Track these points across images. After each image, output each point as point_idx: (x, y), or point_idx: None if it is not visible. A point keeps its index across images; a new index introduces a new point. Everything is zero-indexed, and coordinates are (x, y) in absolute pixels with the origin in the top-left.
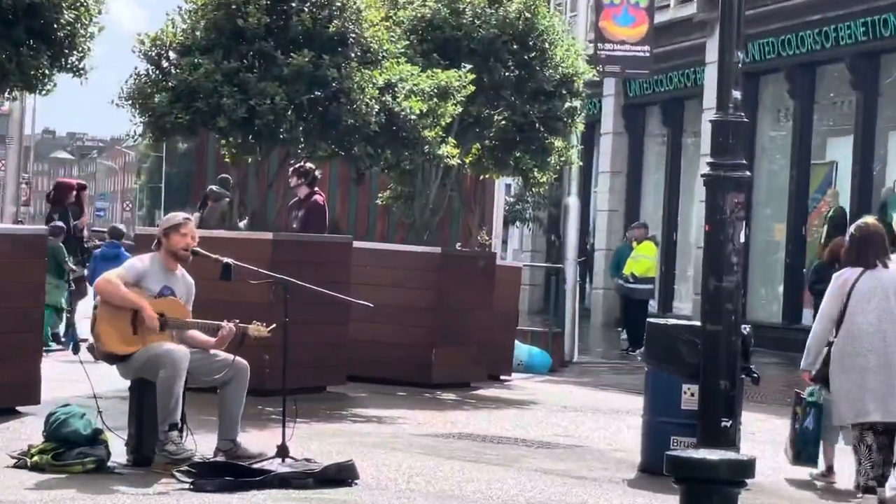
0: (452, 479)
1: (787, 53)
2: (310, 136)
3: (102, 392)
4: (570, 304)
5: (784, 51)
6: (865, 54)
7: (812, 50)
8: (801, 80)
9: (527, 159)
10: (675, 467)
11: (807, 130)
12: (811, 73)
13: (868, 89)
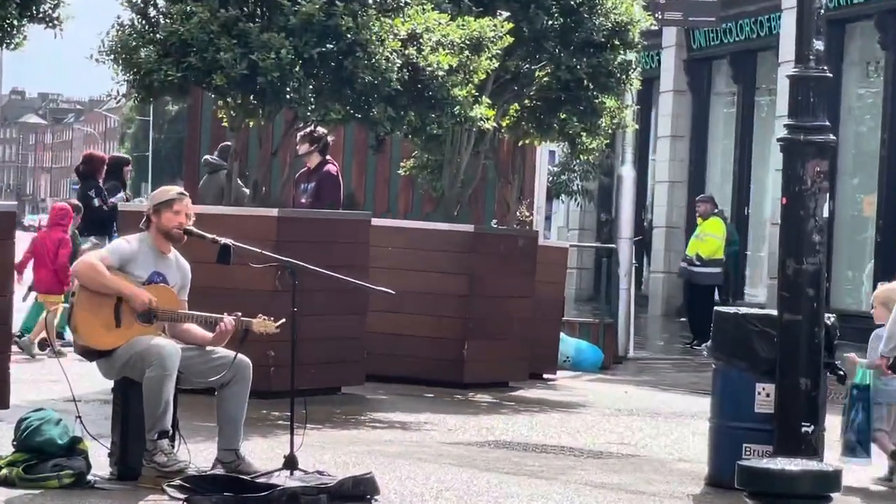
0: (488, 495)
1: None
2: (321, 95)
3: (82, 394)
4: (624, 291)
5: None
6: None
7: None
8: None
9: (574, 122)
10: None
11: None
12: None
13: None
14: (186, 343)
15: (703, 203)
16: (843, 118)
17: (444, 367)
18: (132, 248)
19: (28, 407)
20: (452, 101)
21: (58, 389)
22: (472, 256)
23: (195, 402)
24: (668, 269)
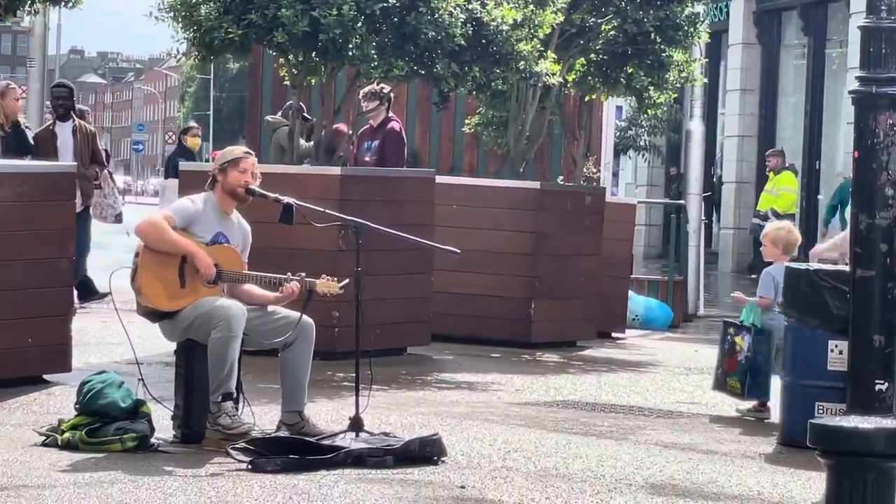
0: (557, 456)
1: None
2: (383, 52)
3: (144, 357)
4: (693, 248)
5: None
6: None
7: None
8: None
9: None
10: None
11: None
12: None
13: None
14: (248, 304)
15: (774, 157)
16: None
17: (510, 326)
18: (196, 207)
19: (90, 370)
20: (517, 56)
21: (120, 352)
22: (538, 214)
23: (259, 363)
24: (739, 226)
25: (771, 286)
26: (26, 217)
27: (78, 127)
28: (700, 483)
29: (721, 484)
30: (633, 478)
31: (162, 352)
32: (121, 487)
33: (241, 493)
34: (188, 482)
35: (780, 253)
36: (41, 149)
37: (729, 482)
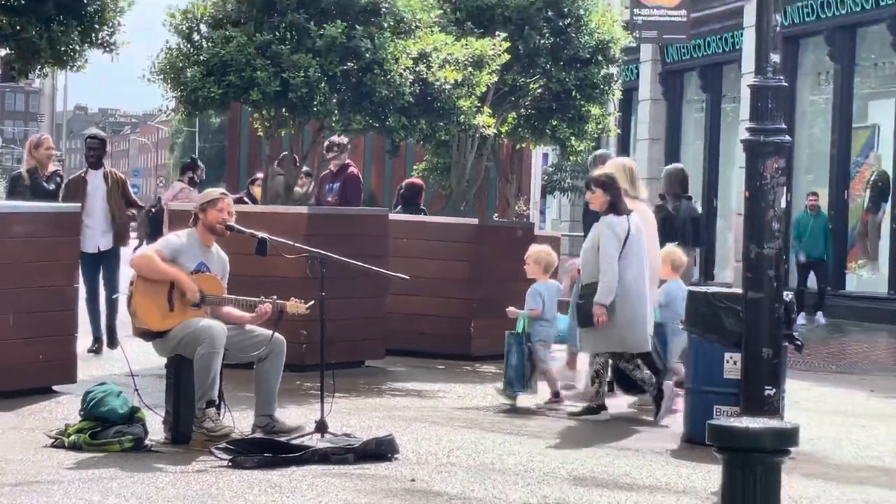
0: (494, 453)
1: (827, 15)
2: (344, 108)
3: (139, 370)
4: None
5: (823, 13)
6: None
7: (852, 11)
8: (842, 42)
9: (563, 127)
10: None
11: (848, 93)
12: (852, 35)
13: None
14: (228, 323)
15: None
16: (797, 121)
17: (453, 342)
18: (182, 241)
19: (92, 381)
20: (458, 111)
21: (118, 366)
22: (476, 246)
23: (237, 375)
24: None
25: (538, 299)
26: (37, 251)
27: (109, 174)
28: (616, 476)
29: (634, 476)
30: (558, 471)
31: (154, 366)
32: (119, 482)
33: (222, 487)
34: (177, 477)
35: (542, 272)
36: (70, 193)
37: (640, 474)
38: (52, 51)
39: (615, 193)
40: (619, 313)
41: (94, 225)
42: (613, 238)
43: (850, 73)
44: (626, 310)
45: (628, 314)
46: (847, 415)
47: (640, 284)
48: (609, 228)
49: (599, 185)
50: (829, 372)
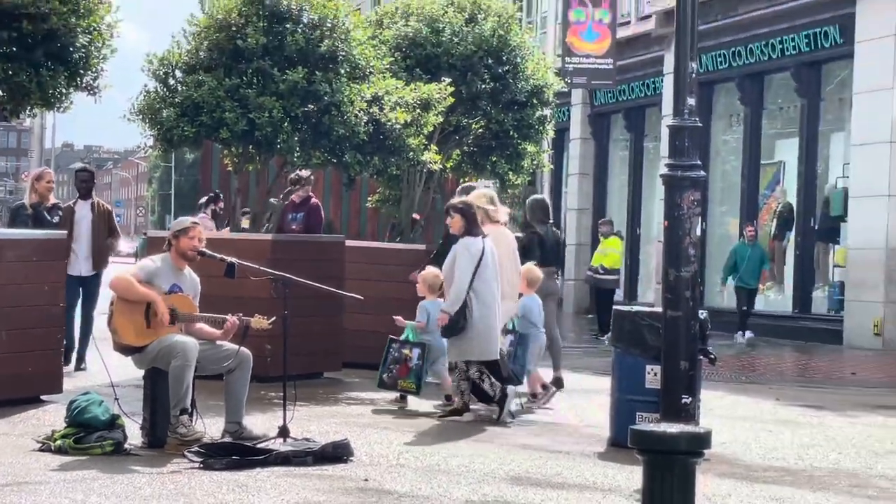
0: (439, 455)
1: (738, 64)
2: (305, 145)
3: (119, 381)
4: None
5: (734, 61)
6: (808, 64)
7: (760, 60)
8: (751, 88)
9: (502, 163)
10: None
11: (756, 134)
12: (759, 82)
13: (811, 96)
14: (199, 339)
15: (604, 225)
16: (712, 158)
17: None
18: (156, 265)
19: (77, 392)
20: (407, 148)
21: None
22: None
23: (208, 385)
24: (578, 277)
25: (425, 314)
26: (27, 273)
27: (96, 204)
28: (549, 475)
29: (565, 476)
30: (497, 472)
31: (133, 377)
32: (101, 483)
33: (194, 486)
34: (153, 478)
35: (429, 291)
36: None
37: (571, 474)
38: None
39: (471, 219)
40: (475, 326)
41: (80, 251)
42: (468, 257)
43: (758, 115)
44: (481, 323)
45: (483, 327)
46: (755, 421)
47: (492, 300)
48: (465, 249)
49: (458, 211)
50: (739, 382)
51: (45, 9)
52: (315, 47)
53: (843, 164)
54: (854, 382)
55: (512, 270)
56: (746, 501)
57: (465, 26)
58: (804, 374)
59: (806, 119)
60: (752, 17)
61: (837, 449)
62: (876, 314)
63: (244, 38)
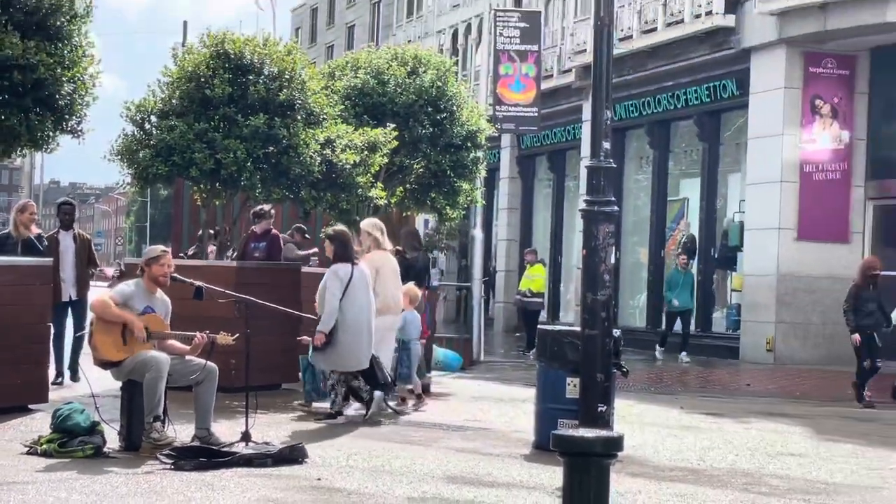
0: (384, 457)
1: (647, 112)
2: (265, 182)
3: (99, 392)
4: (476, 315)
5: (644, 110)
6: (709, 112)
7: (667, 109)
8: (659, 133)
9: (440, 199)
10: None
11: (663, 174)
12: (666, 128)
13: (712, 140)
14: (171, 354)
15: (530, 254)
16: (624, 195)
17: None
18: (131, 289)
19: (61, 401)
20: (356, 185)
21: (82, 389)
22: None
23: (179, 396)
24: (507, 300)
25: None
26: (15, 296)
27: (78, 235)
28: (481, 475)
29: (495, 475)
30: (435, 472)
31: (111, 388)
32: (82, 482)
33: (166, 485)
34: (129, 478)
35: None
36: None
37: (500, 474)
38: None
39: (341, 245)
40: (341, 341)
41: (67, 278)
42: (337, 281)
43: (665, 157)
44: (348, 338)
45: (349, 342)
46: (662, 426)
47: (360, 318)
48: (334, 273)
49: (331, 239)
50: (648, 393)
51: (34, 60)
52: (275, 96)
53: (740, 200)
54: (749, 393)
55: (394, 288)
56: (654, 498)
57: (407, 78)
58: (705, 385)
59: (707, 161)
60: (660, 71)
61: (734, 451)
62: (768, 333)
63: (212, 88)
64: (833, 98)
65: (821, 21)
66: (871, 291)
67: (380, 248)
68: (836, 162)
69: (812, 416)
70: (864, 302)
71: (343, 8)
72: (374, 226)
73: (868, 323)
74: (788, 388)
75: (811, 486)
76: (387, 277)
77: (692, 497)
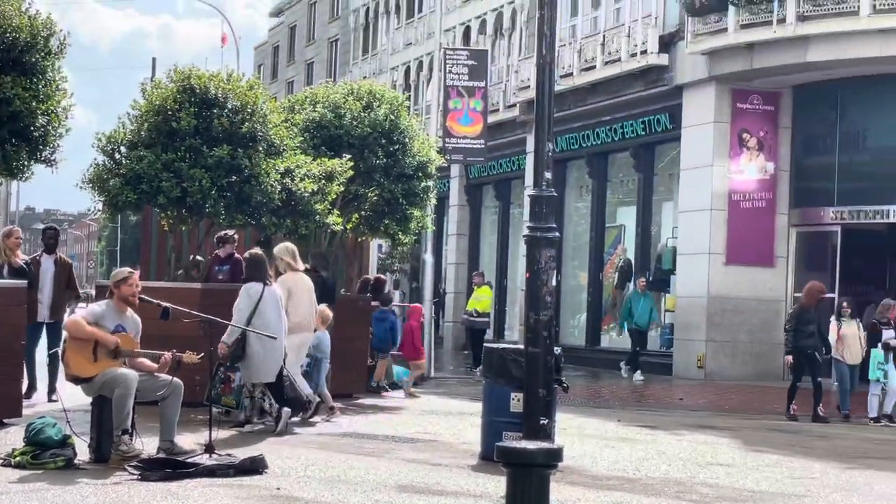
0: (339, 468)
1: (586, 145)
2: (229, 209)
3: (70, 406)
4: (427, 334)
5: (584, 142)
6: (644, 145)
7: (605, 142)
8: (597, 164)
9: (393, 226)
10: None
11: (602, 202)
12: (604, 159)
13: (646, 171)
14: (139, 371)
15: (477, 276)
16: (565, 222)
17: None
18: (102, 310)
19: (34, 416)
20: (314, 212)
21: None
22: None
23: (146, 410)
24: (456, 320)
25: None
26: None
27: (58, 259)
28: (430, 484)
29: (444, 485)
30: (388, 481)
31: (82, 403)
32: (53, 493)
33: (133, 495)
34: (98, 488)
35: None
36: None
37: (448, 483)
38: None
39: (253, 267)
40: (251, 355)
41: (44, 300)
42: (247, 299)
43: (603, 187)
44: (259, 353)
45: (258, 355)
46: (600, 438)
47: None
48: (245, 291)
49: (246, 261)
50: (588, 407)
51: (10, 94)
52: (238, 128)
53: (673, 227)
54: (682, 407)
55: (308, 307)
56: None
57: (362, 112)
58: (641, 399)
59: (642, 190)
60: (598, 106)
61: (667, 461)
62: (699, 351)
63: (178, 121)
64: (759, 132)
65: (747, 60)
66: (812, 314)
67: (293, 269)
68: (762, 191)
69: (740, 428)
70: (806, 323)
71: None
72: (286, 250)
73: (809, 343)
74: (718, 403)
75: (739, 494)
76: (300, 297)
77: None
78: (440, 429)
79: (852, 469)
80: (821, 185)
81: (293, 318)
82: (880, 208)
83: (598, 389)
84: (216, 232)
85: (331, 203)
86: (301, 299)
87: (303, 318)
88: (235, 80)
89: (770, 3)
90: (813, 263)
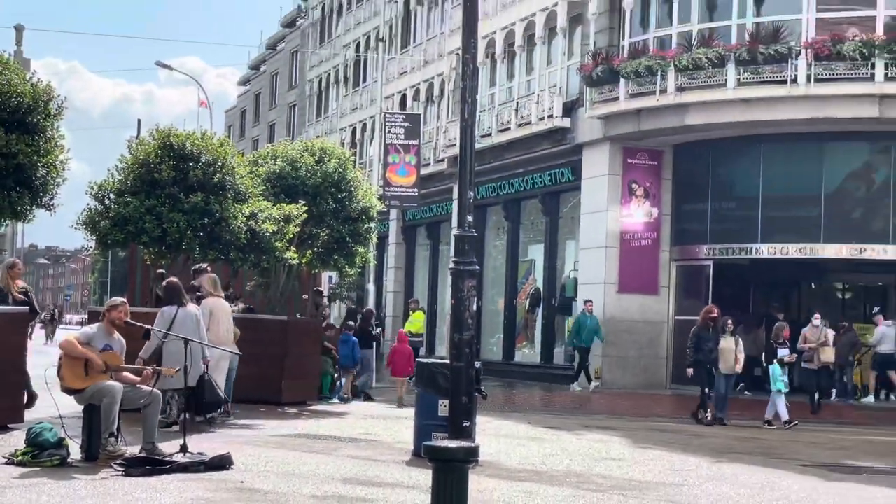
0: (294, 463)
1: (503, 193)
2: (203, 247)
3: (65, 413)
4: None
5: (501, 191)
6: (551, 193)
7: (518, 191)
8: (512, 209)
9: (341, 261)
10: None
11: (515, 240)
12: (518, 205)
13: (553, 215)
14: (124, 383)
15: (413, 303)
16: (486, 257)
17: (271, 393)
18: (93, 331)
19: (34, 421)
20: (275, 249)
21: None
22: (286, 334)
23: (130, 417)
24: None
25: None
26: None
27: None
28: (371, 477)
29: (382, 477)
30: (334, 475)
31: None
32: (50, 487)
33: (118, 488)
34: (88, 482)
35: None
36: None
37: (386, 476)
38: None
39: (167, 292)
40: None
41: None
42: (162, 320)
43: (517, 228)
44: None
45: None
46: (513, 438)
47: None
48: (161, 314)
49: (163, 288)
50: (503, 412)
51: (15, 149)
52: (210, 179)
53: (574, 261)
54: (582, 412)
55: (227, 324)
56: (506, 494)
57: (315, 165)
58: (548, 405)
59: (549, 231)
60: (513, 161)
61: (569, 457)
62: (597, 364)
63: (159, 172)
64: (645, 182)
65: (636, 123)
66: (709, 333)
67: (213, 296)
68: (648, 232)
69: (629, 428)
70: (704, 342)
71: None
72: (210, 280)
73: (708, 358)
74: (612, 408)
75: (628, 484)
76: (219, 318)
77: (536, 493)
78: (379, 430)
79: (721, 462)
80: (696, 227)
81: (213, 334)
82: (745, 246)
83: (512, 397)
84: (192, 265)
85: (289, 241)
86: (220, 319)
87: (222, 335)
88: (208, 138)
89: (654, 76)
90: (690, 292)
